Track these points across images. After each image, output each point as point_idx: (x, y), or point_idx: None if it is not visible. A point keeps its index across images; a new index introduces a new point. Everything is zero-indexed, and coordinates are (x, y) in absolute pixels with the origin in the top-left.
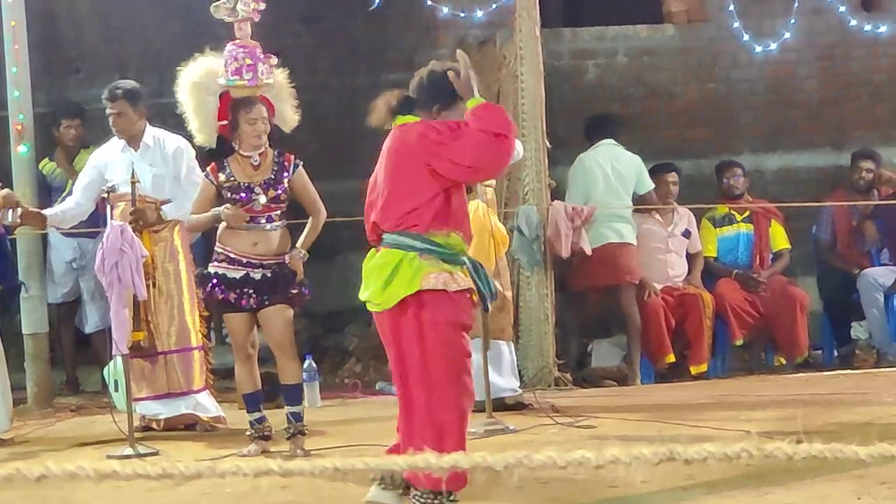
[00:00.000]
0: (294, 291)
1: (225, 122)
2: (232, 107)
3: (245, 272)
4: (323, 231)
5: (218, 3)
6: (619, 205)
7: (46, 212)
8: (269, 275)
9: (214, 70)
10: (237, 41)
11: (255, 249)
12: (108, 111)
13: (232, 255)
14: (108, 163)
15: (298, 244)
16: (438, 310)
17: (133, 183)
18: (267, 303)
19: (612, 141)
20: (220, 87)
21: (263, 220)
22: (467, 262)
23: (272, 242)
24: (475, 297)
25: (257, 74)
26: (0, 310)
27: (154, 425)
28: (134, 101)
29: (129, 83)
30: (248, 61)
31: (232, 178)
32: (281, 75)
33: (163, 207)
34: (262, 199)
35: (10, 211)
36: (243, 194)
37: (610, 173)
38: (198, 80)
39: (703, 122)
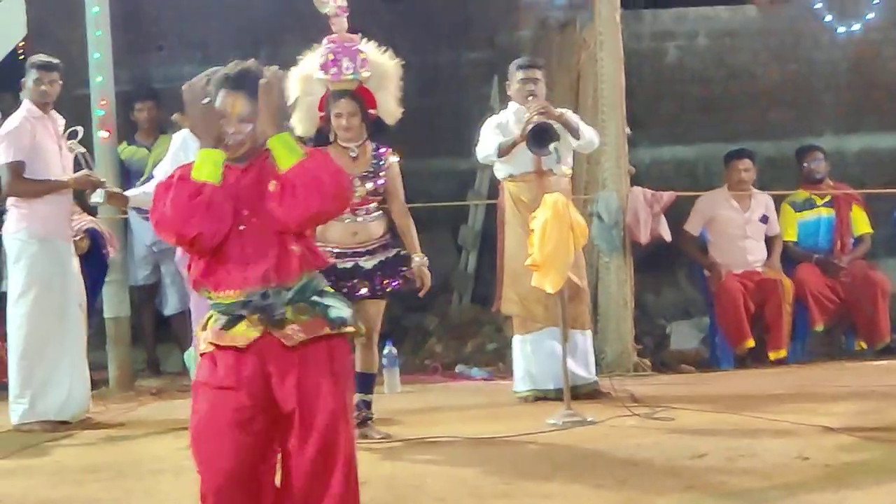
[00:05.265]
0: (405, 269)
1: (323, 114)
2: (326, 100)
3: (354, 262)
4: None
5: None
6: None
7: (129, 192)
8: (379, 260)
9: None
10: (333, 36)
11: (356, 239)
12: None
13: (336, 250)
14: (190, 143)
15: (410, 251)
16: None
17: None
18: (379, 290)
19: None
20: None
21: (362, 212)
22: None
23: (371, 231)
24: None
25: (341, 69)
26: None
27: None
28: None
29: None
30: (331, 56)
31: None
32: (388, 65)
33: None
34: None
35: (100, 191)
36: None
37: None
38: (306, 73)
39: (784, 104)
